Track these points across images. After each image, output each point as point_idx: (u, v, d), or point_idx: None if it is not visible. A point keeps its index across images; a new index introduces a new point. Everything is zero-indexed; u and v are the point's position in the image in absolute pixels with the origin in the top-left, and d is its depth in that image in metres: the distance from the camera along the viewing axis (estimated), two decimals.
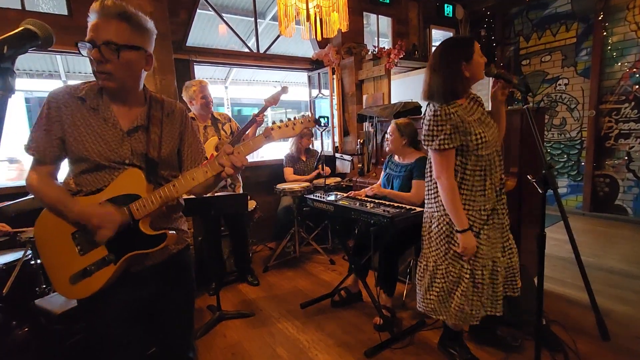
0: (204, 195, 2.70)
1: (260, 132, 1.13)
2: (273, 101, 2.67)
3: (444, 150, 1.58)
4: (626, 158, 4.50)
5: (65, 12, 3.07)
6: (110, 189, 1.12)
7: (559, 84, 5.08)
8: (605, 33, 4.52)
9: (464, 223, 1.60)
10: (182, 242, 1.30)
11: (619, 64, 4.45)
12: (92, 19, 1.05)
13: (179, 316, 1.32)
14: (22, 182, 2.89)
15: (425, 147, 1.68)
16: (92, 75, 1.09)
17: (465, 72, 1.57)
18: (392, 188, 2.60)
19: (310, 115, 1.15)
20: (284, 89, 2.58)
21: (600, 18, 4.50)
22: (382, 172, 2.78)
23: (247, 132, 2.85)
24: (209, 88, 2.90)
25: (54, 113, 1.09)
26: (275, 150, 5.54)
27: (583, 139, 4.89)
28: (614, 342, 2.03)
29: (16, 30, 0.69)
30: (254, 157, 3.85)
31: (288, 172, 3.84)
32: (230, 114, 3.35)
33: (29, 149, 1.10)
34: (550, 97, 5.18)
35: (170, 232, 1.14)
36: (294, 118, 1.13)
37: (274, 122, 1.13)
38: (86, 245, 1.11)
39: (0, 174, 4.66)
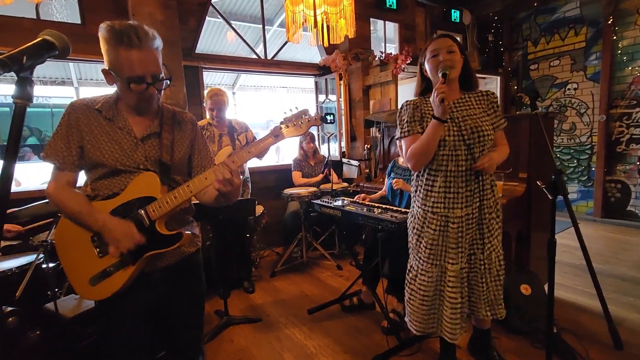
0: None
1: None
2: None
3: (401, 137, 1.70)
4: (638, 163, 4.44)
5: (79, 21, 3.15)
6: (127, 192, 1.16)
7: (568, 89, 5.03)
8: (615, 37, 4.48)
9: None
10: (193, 245, 1.34)
11: (630, 68, 4.40)
12: (134, 48, 1.04)
13: (189, 319, 1.34)
14: (35, 187, 2.97)
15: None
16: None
17: (425, 72, 1.70)
18: (399, 191, 2.59)
19: (316, 114, 1.17)
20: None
21: (609, 22, 4.47)
22: (387, 178, 2.76)
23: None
24: (219, 97, 2.89)
25: (74, 123, 1.14)
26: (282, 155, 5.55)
27: (593, 143, 4.83)
28: (627, 351, 1.98)
29: (35, 41, 0.71)
30: (262, 163, 3.86)
31: (296, 176, 3.86)
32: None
33: (47, 156, 1.14)
34: (559, 102, 5.14)
35: (185, 232, 1.17)
36: (301, 117, 1.15)
37: (281, 122, 1.15)
38: (105, 248, 1.15)
39: (25, 176, 4.65)
